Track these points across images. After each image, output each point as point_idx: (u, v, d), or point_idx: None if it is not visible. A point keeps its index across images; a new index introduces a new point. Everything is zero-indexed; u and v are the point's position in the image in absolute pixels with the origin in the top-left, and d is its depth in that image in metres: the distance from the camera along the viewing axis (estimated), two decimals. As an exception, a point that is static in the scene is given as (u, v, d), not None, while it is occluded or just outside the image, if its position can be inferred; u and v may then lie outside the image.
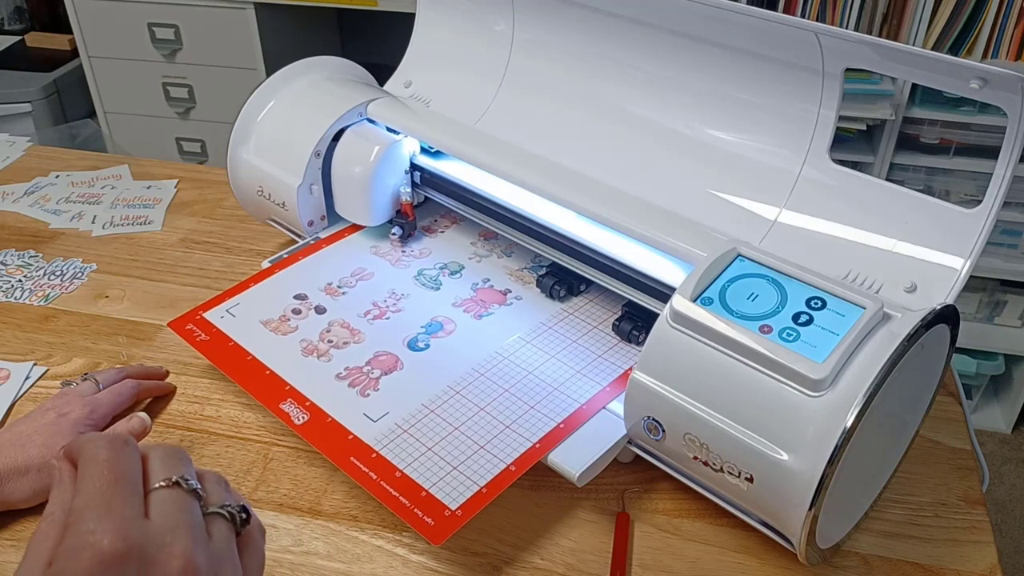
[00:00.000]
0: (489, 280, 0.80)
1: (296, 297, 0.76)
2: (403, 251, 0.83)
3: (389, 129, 0.82)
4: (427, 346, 0.72)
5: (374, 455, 0.62)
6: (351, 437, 0.63)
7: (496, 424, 0.64)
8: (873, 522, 0.64)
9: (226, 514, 0.41)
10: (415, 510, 0.58)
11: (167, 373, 0.76)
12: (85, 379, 0.70)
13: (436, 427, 0.64)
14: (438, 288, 0.78)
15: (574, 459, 0.61)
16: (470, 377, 0.68)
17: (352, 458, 0.61)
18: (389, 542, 0.62)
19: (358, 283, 0.79)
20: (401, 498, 0.58)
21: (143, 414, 0.67)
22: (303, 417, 0.65)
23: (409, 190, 0.83)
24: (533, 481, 0.66)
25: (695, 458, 0.58)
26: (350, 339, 0.72)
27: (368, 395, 0.67)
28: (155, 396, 0.73)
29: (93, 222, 0.98)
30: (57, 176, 1.07)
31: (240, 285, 0.77)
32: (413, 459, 0.61)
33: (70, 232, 0.96)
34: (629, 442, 0.64)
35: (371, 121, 0.83)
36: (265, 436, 0.70)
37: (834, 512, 0.56)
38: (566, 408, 0.65)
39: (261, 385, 0.67)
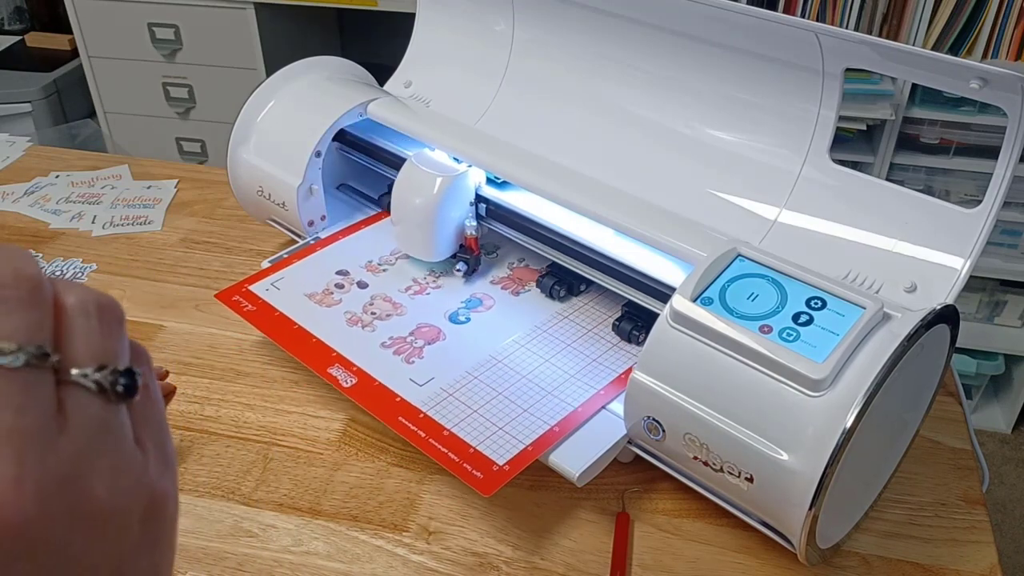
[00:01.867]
0: (524, 260, 0.82)
1: (338, 273, 0.79)
2: None
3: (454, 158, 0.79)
4: (468, 319, 0.74)
5: (422, 415, 0.64)
6: (399, 399, 0.65)
7: (539, 390, 0.67)
8: (873, 522, 0.64)
9: (91, 385, 0.26)
10: (464, 464, 0.60)
11: (167, 373, 0.76)
12: (85, 379, 0.69)
13: (481, 392, 0.66)
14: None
15: (574, 459, 0.61)
16: (511, 348, 0.71)
17: (401, 418, 0.64)
18: (389, 542, 0.62)
19: (398, 261, 0.81)
20: (450, 454, 0.61)
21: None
22: (351, 380, 0.67)
23: (474, 223, 0.78)
24: (533, 481, 0.66)
25: (695, 458, 0.58)
26: (392, 312, 0.75)
27: (413, 362, 0.69)
28: (155, 396, 0.73)
29: (93, 222, 0.98)
30: (57, 176, 1.07)
31: (282, 262, 0.80)
32: (460, 419, 0.64)
33: (70, 232, 0.96)
34: (629, 442, 0.64)
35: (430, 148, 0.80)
36: (265, 436, 0.70)
37: (834, 512, 0.56)
38: (603, 378, 0.68)
39: (309, 352, 0.70)
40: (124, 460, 0.27)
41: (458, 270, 0.79)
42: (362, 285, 0.77)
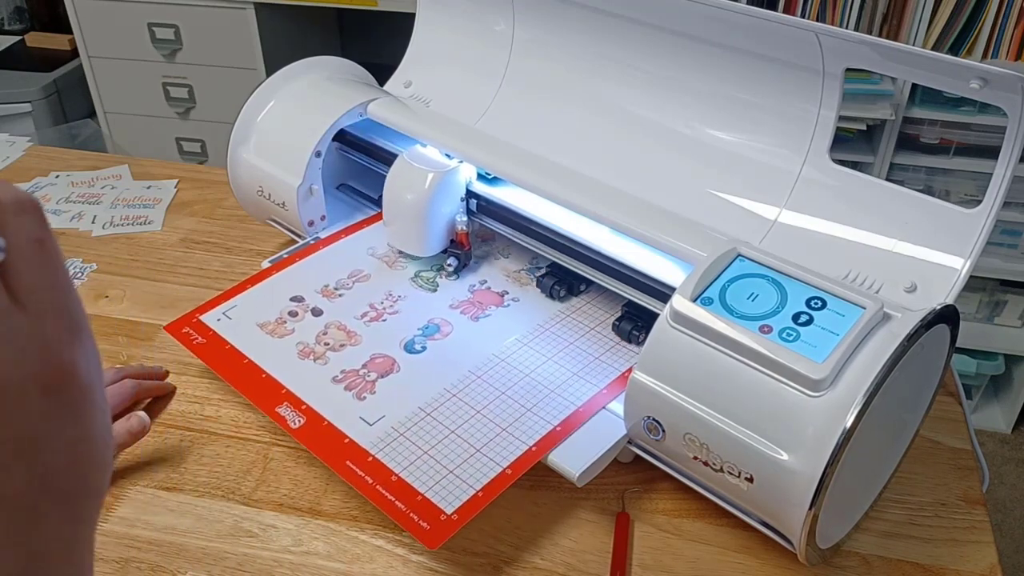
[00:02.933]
0: (486, 282, 0.79)
1: (293, 299, 0.76)
2: (400, 253, 0.83)
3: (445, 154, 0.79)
4: (424, 348, 0.72)
5: (370, 459, 0.61)
6: (347, 440, 0.63)
7: (492, 427, 0.64)
8: (873, 522, 0.64)
9: None
10: (411, 514, 0.58)
11: (167, 373, 0.76)
12: (85, 379, 0.69)
13: (433, 430, 0.64)
14: (435, 290, 0.78)
15: (574, 459, 0.61)
16: (467, 380, 0.68)
17: (348, 462, 0.61)
18: (389, 542, 0.62)
19: (355, 285, 0.78)
20: (397, 502, 0.58)
21: (142, 413, 0.67)
22: (299, 421, 0.65)
23: (465, 219, 0.79)
24: (533, 481, 0.66)
25: (695, 458, 0.58)
26: (347, 341, 0.72)
27: (364, 398, 0.67)
28: (155, 396, 0.73)
29: (93, 222, 0.98)
30: (57, 176, 1.07)
31: (237, 287, 0.77)
32: (409, 463, 0.61)
33: (70, 232, 0.96)
34: (629, 442, 0.64)
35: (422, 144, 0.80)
36: (265, 436, 0.70)
37: (834, 512, 0.56)
38: (563, 410, 0.65)
39: (257, 389, 0.67)
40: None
41: (449, 265, 0.79)
42: (316, 312, 0.75)
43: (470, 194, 0.79)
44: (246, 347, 0.71)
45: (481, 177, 0.79)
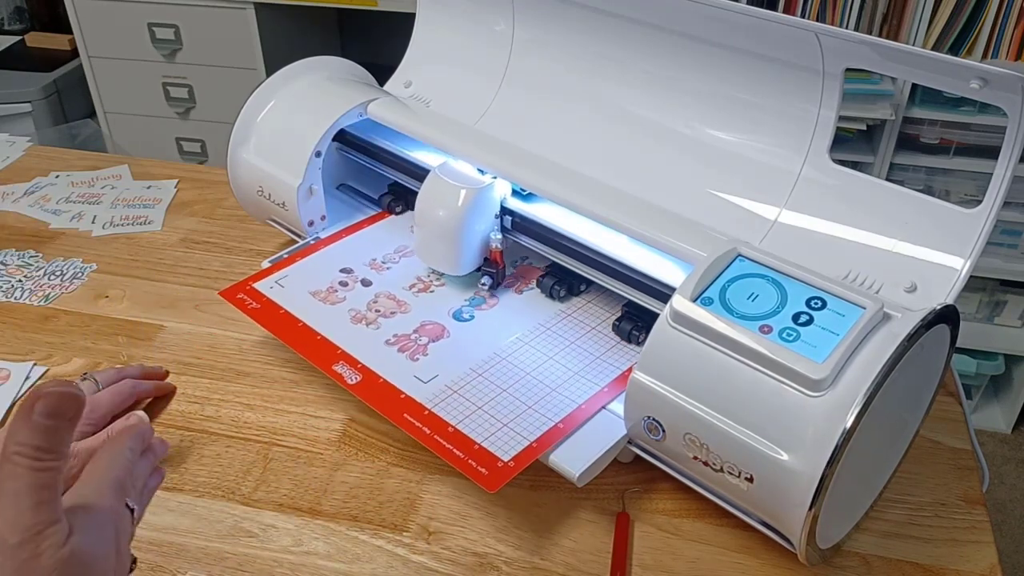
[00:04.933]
0: (528, 258, 0.82)
1: (342, 271, 0.79)
2: None
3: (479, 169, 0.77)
4: (472, 317, 0.74)
5: (427, 412, 0.64)
6: (403, 396, 0.65)
7: (543, 387, 0.67)
8: (873, 522, 0.64)
9: None
10: (469, 461, 0.60)
11: (167, 373, 0.76)
12: (84, 379, 0.70)
13: (485, 389, 0.66)
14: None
15: (574, 459, 0.61)
16: (515, 345, 0.71)
17: (406, 415, 0.64)
18: (389, 542, 0.62)
19: (401, 259, 0.81)
20: (456, 451, 0.61)
21: (141, 412, 0.67)
22: (356, 378, 0.67)
23: (499, 236, 0.76)
24: (533, 481, 0.66)
25: (695, 458, 0.58)
26: (396, 309, 0.75)
27: (417, 359, 0.69)
28: (155, 396, 0.73)
29: (93, 222, 0.98)
30: (57, 176, 1.07)
31: (286, 260, 0.80)
32: (465, 416, 0.64)
33: (70, 232, 0.96)
34: (629, 442, 0.64)
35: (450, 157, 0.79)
36: (265, 436, 0.70)
37: (834, 512, 0.56)
38: (607, 375, 0.68)
39: (314, 349, 0.70)
40: None
41: (483, 284, 0.77)
42: (366, 283, 0.78)
43: (504, 211, 0.77)
44: (300, 312, 0.74)
45: (516, 193, 0.77)
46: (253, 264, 0.88)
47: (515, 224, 0.76)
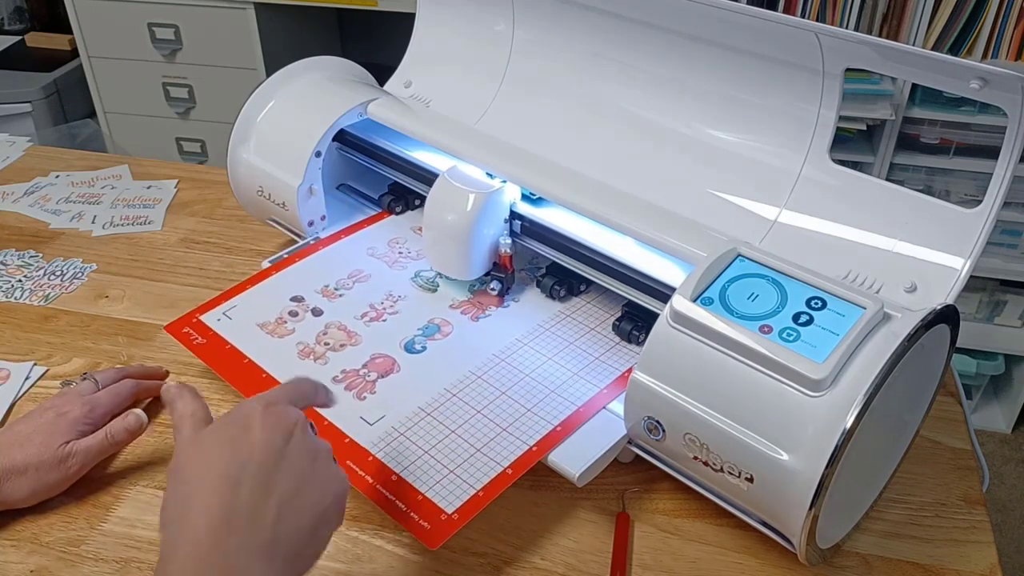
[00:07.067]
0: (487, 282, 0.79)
1: (293, 299, 0.76)
2: (400, 253, 0.83)
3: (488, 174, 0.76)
4: (424, 348, 0.71)
5: (370, 458, 0.61)
6: (347, 440, 0.63)
7: (493, 427, 0.64)
8: (873, 522, 0.64)
9: None
10: (411, 514, 0.57)
11: (167, 373, 0.76)
12: (84, 379, 0.70)
13: (433, 430, 0.64)
14: (435, 290, 0.78)
15: (574, 459, 0.61)
16: (467, 380, 0.68)
17: (349, 462, 0.61)
18: (389, 542, 0.62)
19: (355, 285, 0.78)
20: (397, 502, 0.58)
21: (139, 411, 0.67)
22: None
23: (509, 241, 0.76)
24: (533, 481, 0.66)
25: (695, 458, 0.58)
26: (347, 341, 0.72)
27: (365, 398, 0.67)
28: (155, 396, 0.73)
29: (93, 222, 0.98)
30: (57, 176, 1.07)
31: (237, 287, 0.77)
32: (410, 462, 0.61)
33: (70, 232, 0.96)
34: (629, 442, 0.64)
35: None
36: (265, 436, 0.70)
37: (834, 512, 0.56)
38: (564, 410, 0.65)
39: (258, 389, 0.67)
40: None
41: (492, 289, 0.77)
42: (316, 312, 0.75)
43: (514, 215, 0.76)
44: (246, 347, 0.71)
45: (526, 198, 0.76)
46: (253, 264, 0.88)
47: (524, 228, 0.76)
